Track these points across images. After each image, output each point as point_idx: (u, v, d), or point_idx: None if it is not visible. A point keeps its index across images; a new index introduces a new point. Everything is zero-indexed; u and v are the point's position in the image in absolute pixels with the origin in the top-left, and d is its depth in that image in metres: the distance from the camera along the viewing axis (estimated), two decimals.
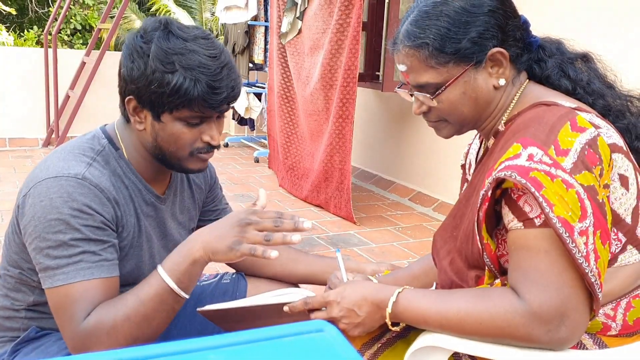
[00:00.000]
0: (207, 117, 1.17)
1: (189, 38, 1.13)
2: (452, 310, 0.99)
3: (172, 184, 1.36)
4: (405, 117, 4.54)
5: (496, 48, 1.04)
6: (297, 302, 1.14)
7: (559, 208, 0.89)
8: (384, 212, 4.12)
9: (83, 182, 1.12)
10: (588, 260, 0.89)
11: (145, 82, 1.12)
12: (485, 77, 1.07)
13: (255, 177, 4.98)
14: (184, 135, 1.16)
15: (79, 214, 1.09)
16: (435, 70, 1.05)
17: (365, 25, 4.70)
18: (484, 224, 1.01)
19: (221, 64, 1.14)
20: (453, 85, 1.06)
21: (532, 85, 1.11)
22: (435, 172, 4.27)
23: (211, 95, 1.12)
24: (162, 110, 1.14)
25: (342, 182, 3.85)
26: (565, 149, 0.93)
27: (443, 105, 1.08)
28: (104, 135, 1.24)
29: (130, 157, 1.24)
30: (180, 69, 1.10)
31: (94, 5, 11.26)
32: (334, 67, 3.82)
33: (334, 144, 3.86)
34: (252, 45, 5.77)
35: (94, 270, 1.09)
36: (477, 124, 1.14)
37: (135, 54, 1.13)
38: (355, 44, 3.58)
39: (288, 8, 4.24)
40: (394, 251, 3.33)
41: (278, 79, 4.57)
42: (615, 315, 1.01)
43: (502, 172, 0.94)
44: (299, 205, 4.19)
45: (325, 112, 3.99)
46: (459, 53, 1.04)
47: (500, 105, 1.10)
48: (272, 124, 4.90)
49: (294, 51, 4.31)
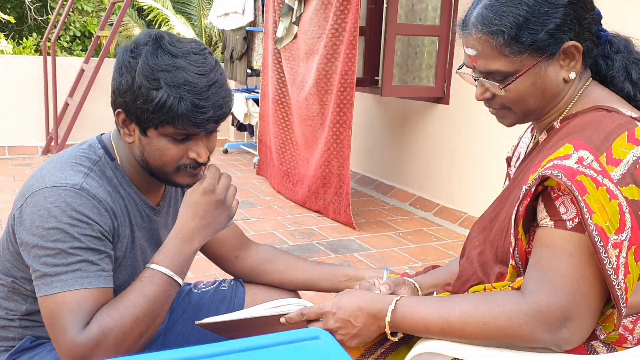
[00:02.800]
0: (193, 134, 1.16)
1: (179, 54, 1.12)
2: (455, 314, 0.98)
3: (166, 195, 1.36)
4: (405, 121, 4.54)
5: (572, 42, 1.01)
6: (293, 313, 1.13)
7: (598, 216, 0.88)
8: (384, 217, 4.11)
9: (81, 192, 1.11)
10: (617, 273, 0.88)
11: (132, 97, 1.12)
12: (556, 69, 1.04)
13: (254, 183, 4.98)
14: (169, 152, 1.16)
15: (77, 223, 1.09)
16: (507, 59, 1.02)
17: (363, 30, 4.71)
18: (522, 219, 1.00)
19: (209, 81, 1.12)
20: (524, 76, 1.03)
21: (595, 85, 1.09)
22: (436, 176, 4.27)
23: (195, 114, 1.11)
24: (147, 125, 1.14)
25: (341, 188, 3.84)
26: (617, 158, 0.91)
27: (510, 95, 1.05)
28: (100, 145, 1.24)
29: (124, 168, 1.24)
30: (165, 86, 1.09)
31: (93, 12, 11.29)
32: (329, 72, 3.82)
33: (332, 149, 3.85)
34: (250, 51, 5.77)
35: (92, 280, 1.09)
36: (540, 115, 1.10)
37: (124, 68, 1.13)
38: (352, 49, 3.58)
39: (284, 13, 4.24)
40: (394, 256, 3.32)
41: (273, 84, 4.58)
42: (634, 328, 1.01)
43: (549, 170, 0.93)
44: (299, 210, 4.18)
45: (320, 117, 3.99)
46: (535, 44, 1.01)
47: (566, 99, 1.08)
48: (264, 130, 4.90)
49: (289, 56, 4.31)
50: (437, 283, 1.32)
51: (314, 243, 3.47)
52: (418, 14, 4.48)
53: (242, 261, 1.51)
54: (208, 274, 2.67)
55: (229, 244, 1.49)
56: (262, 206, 4.26)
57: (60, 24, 5.98)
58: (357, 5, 3.53)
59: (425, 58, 4.46)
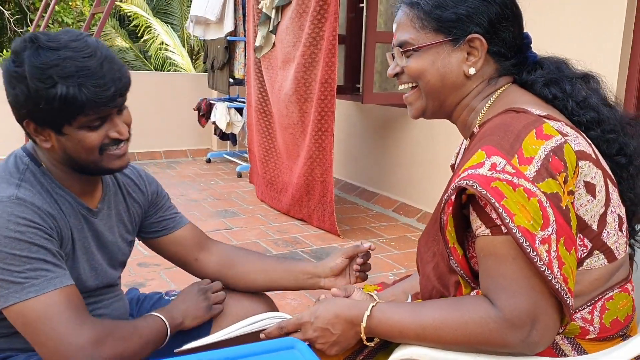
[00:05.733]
0: (106, 115, 1.17)
1: (60, 47, 1.11)
2: (428, 319, 0.99)
3: (105, 197, 1.35)
4: (387, 128, 4.57)
5: (477, 35, 1.06)
6: (272, 327, 1.15)
7: (520, 217, 0.90)
8: (368, 224, 4.12)
9: (19, 202, 1.12)
10: (551, 267, 0.90)
11: (33, 103, 1.11)
12: (458, 59, 1.08)
13: (238, 192, 4.97)
14: (90, 139, 1.17)
15: (26, 229, 1.10)
16: (416, 31, 1.09)
17: (343, 39, 4.73)
18: (447, 227, 1.02)
19: (99, 60, 1.13)
20: (425, 51, 1.09)
21: (512, 88, 1.12)
22: (419, 182, 4.29)
23: (100, 95, 1.12)
24: (60, 124, 1.14)
25: (325, 195, 3.85)
26: (529, 157, 0.93)
27: (411, 67, 1.11)
28: (25, 153, 1.24)
29: (52, 172, 1.24)
30: (61, 80, 1.09)
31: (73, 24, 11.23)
32: (308, 80, 3.83)
33: (314, 157, 3.86)
34: (232, 61, 5.78)
35: (62, 279, 1.11)
36: (443, 107, 1.14)
37: (14, 80, 1.13)
38: (332, 57, 3.59)
39: (261, 22, 4.26)
40: (378, 263, 3.32)
41: (255, 93, 4.59)
42: (592, 318, 1.02)
43: (464, 181, 0.95)
44: (282, 219, 4.18)
45: (301, 125, 4.00)
46: (440, 21, 1.07)
47: (469, 97, 1.11)
48: (252, 139, 4.91)
49: (268, 65, 4.33)
50: (398, 292, 1.33)
51: (297, 251, 3.47)
52: None
53: (202, 264, 1.51)
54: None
55: (186, 245, 1.50)
56: (246, 215, 4.25)
57: None
58: (335, 14, 3.55)
59: None
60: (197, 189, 5.06)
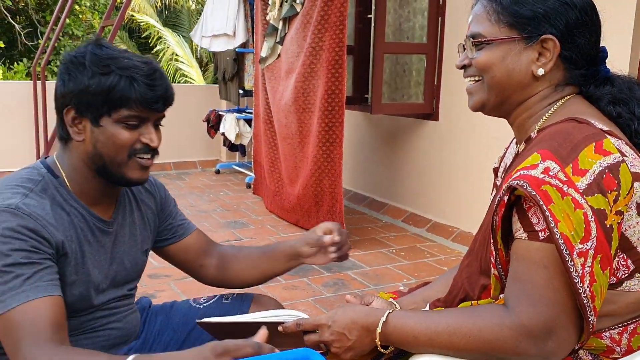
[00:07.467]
0: (145, 118, 1.21)
1: (121, 51, 1.22)
2: (442, 325, 0.99)
3: (119, 207, 1.35)
4: (396, 139, 4.56)
5: (551, 36, 1.04)
6: (290, 322, 1.14)
7: (563, 225, 0.89)
8: (377, 235, 4.11)
9: (15, 211, 1.13)
10: (583, 281, 0.89)
11: (83, 87, 1.17)
12: (528, 58, 1.06)
13: (247, 203, 4.97)
14: (122, 136, 1.20)
15: (9, 240, 1.10)
16: (491, 24, 1.08)
17: (351, 49, 4.75)
18: (499, 229, 1.01)
19: (153, 67, 1.22)
20: (497, 46, 1.07)
21: (577, 99, 1.10)
22: (428, 192, 4.28)
23: (148, 92, 1.18)
24: (101, 113, 1.19)
25: (334, 206, 3.84)
26: (584, 169, 0.92)
27: (480, 60, 1.09)
28: (43, 165, 1.26)
29: (71, 183, 1.25)
30: (116, 70, 1.17)
31: (83, 37, 11.33)
32: (307, 90, 3.84)
33: (323, 168, 3.86)
34: (242, 72, 5.81)
35: (29, 293, 1.08)
36: (504, 106, 1.12)
37: (71, 65, 1.20)
38: (339, 68, 3.60)
39: (269, 33, 4.28)
40: (388, 274, 3.31)
41: (262, 104, 4.62)
42: (620, 339, 1.01)
43: (515, 181, 0.94)
44: (292, 229, 4.17)
45: (299, 135, 4.00)
46: (516, 17, 1.05)
47: (532, 100, 1.09)
48: (258, 149, 4.92)
49: (271, 75, 4.35)
50: (418, 300, 1.33)
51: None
52: (405, 33, 4.53)
53: (205, 270, 1.52)
54: None
55: (193, 252, 1.51)
56: (255, 226, 4.25)
57: (50, 49, 6.00)
58: (340, 25, 3.55)
59: (413, 75, 4.51)
60: (206, 200, 5.07)
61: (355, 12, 4.77)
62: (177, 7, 12.87)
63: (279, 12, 4.13)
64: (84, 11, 11.53)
